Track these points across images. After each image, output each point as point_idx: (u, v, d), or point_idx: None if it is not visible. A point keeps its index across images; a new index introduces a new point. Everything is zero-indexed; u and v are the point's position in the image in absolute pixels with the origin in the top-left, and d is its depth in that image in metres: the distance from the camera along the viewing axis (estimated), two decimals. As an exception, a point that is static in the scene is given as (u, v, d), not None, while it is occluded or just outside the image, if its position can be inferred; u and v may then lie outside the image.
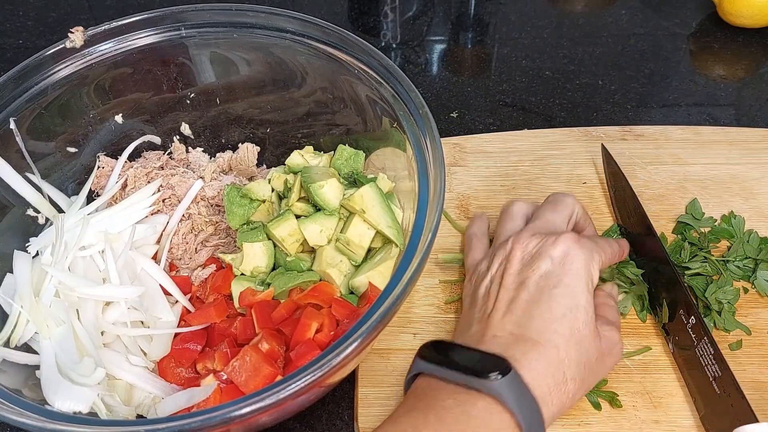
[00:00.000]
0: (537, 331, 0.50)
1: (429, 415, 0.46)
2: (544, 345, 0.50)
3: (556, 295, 0.52)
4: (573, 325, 0.51)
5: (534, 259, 0.54)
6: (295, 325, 0.57)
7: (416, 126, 0.58)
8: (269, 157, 0.76)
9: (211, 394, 0.52)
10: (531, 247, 0.56)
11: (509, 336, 0.51)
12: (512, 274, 0.55)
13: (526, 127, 0.82)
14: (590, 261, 0.54)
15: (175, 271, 0.66)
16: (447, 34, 1.00)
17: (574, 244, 0.54)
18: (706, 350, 0.56)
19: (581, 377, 0.51)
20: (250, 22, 0.67)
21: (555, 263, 0.54)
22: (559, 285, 0.52)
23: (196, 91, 0.73)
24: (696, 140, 0.77)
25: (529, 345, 0.50)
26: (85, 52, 0.66)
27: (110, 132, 0.72)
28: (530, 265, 0.54)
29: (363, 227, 0.61)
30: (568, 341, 0.50)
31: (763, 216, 0.70)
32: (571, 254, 0.54)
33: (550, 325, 0.50)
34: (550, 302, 0.52)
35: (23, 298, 0.58)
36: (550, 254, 0.54)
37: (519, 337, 0.50)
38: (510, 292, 0.54)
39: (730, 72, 0.91)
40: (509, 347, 0.50)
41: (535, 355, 0.49)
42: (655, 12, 1.01)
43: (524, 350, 0.49)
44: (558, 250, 0.54)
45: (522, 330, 0.51)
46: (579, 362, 0.51)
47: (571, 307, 0.52)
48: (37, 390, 0.53)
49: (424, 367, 0.49)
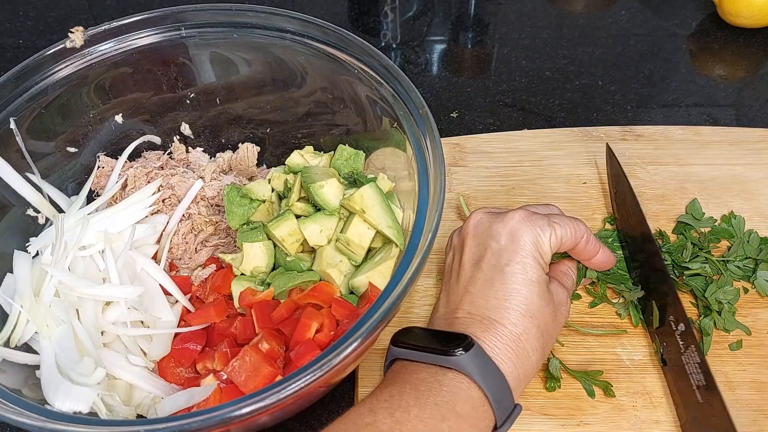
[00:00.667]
0: (493, 309, 0.53)
1: (404, 387, 0.49)
2: (501, 322, 0.52)
3: (507, 273, 0.54)
4: (527, 299, 0.53)
5: (485, 237, 0.57)
6: (295, 325, 0.57)
7: (416, 126, 0.58)
8: (269, 157, 0.76)
9: (211, 394, 0.53)
10: (482, 225, 0.58)
11: (468, 315, 0.54)
12: (467, 254, 0.57)
13: (526, 127, 0.82)
14: (539, 236, 0.56)
15: (175, 271, 0.66)
16: (447, 35, 1.00)
17: (522, 220, 0.56)
18: (693, 358, 0.56)
19: (541, 345, 0.54)
20: (250, 22, 0.67)
21: (505, 240, 0.55)
22: (510, 262, 0.54)
23: (196, 91, 0.73)
24: (696, 141, 0.77)
25: (486, 323, 0.52)
26: (85, 52, 0.66)
27: (110, 132, 0.72)
28: (482, 243, 0.57)
29: (363, 227, 0.61)
30: (524, 316, 0.53)
31: (764, 216, 0.70)
32: (520, 231, 0.55)
33: (503, 302, 0.53)
34: (502, 280, 0.54)
35: (23, 297, 0.58)
36: (499, 231, 0.56)
37: (477, 315, 0.53)
38: (467, 272, 0.56)
39: (730, 72, 0.91)
40: (469, 326, 0.53)
41: (493, 332, 0.52)
42: (655, 12, 1.01)
43: (483, 328, 0.52)
44: (507, 227, 0.56)
45: (479, 309, 0.53)
46: (537, 334, 0.53)
47: (523, 283, 0.54)
48: (37, 390, 0.53)
49: (397, 353, 0.52)
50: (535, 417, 0.58)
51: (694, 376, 0.56)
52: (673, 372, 0.58)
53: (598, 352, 0.61)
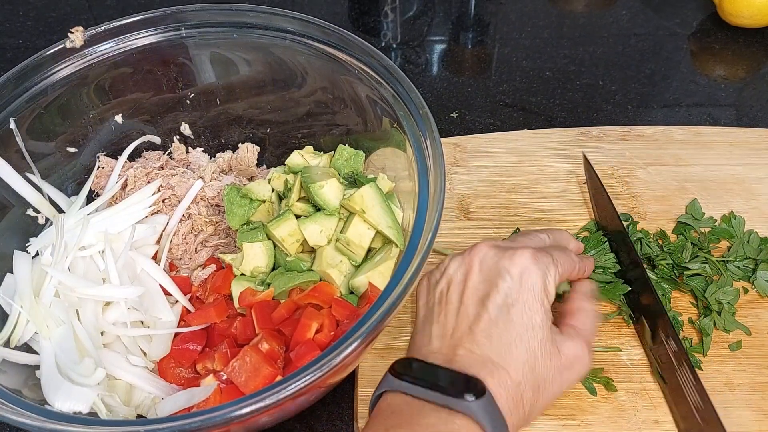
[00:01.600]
0: (497, 352, 0.51)
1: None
2: (503, 367, 0.50)
3: (513, 315, 0.52)
4: (529, 347, 0.51)
5: (492, 275, 0.54)
6: (295, 325, 0.57)
7: (416, 126, 0.58)
8: (269, 157, 0.76)
9: (211, 394, 0.53)
10: (488, 259, 0.55)
11: (470, 355, 0.51)
12: (470, 288, 0.54)
13: (526, 127, 0.82)
14: (546, 276, 0.54)
15: (175, 271, 0.66)
16: (447, 34, 1.00)
17: (530, 260, 0.54)
18: (688, 378, 0.55)
19: (536, 399, 0.51)
20: (250, 22, 0.67)
21: (513, 281, 0.53)
22: (515, 304, 0.52)
23: (196, 91, 0.73)
24: (696, 141, 0.77)
25: (489, 366, 0.50)
26: (85, 52, 0.66)
27: (110, 132, 0.72)
28: (489, 280, 0.54)
29: (363, 227, 0.61)
30: (525, 364, 0.50)
31: (764, 216, 0.70)
32: (528, 271, 0.53)
33: (508, 348, 0.51)
34: (507, 322, 0.52)
35: (23, 298, 0.58)
36: (508, 270, 0.53)
37: (479, 357, 0.51)
38: (470, 309, 0.53)
39: (731, 72, 0.91)
40: (471, 366, 0.50)
41: (498, 377, 0.49)
42: (655, 12, 1.01)
43: (488, 371, 0.49)
44: (516, 266, 0.53)
45: (482, 350, 0.51)
46: (534, 385, 0.51)
47: (527, 327, 0.51)
48: (37, 390, 0.53)
49: (398, 385, 0.49)
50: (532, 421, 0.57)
51: (692, 397, 0.55)
52: (672, 391, 0.58)
53: (598, 353, 0.61)
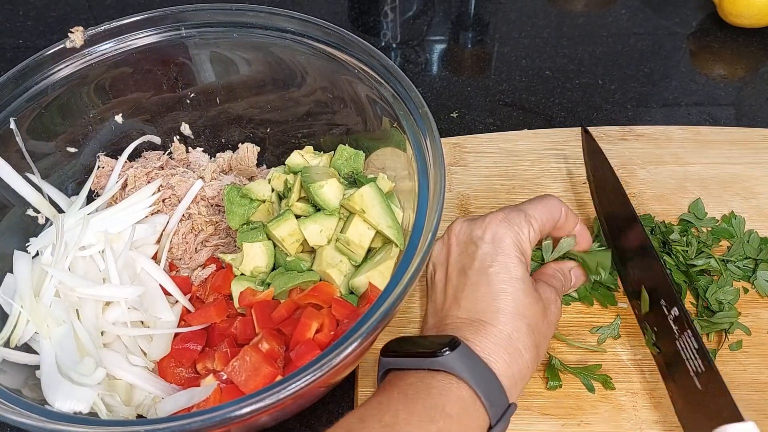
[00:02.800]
0: (481, 311, 0.53)
1: (392, 392, 0.48)
2: (492, 323, 0.53)
3: (492, 274, 0.55)
4: (514, 297, 0.54)
5: (468, 245, 0.58)
6: (295, 325, 0.57)
7: (416, 126, 0.58)
8: (269, 157, 0.76)
9: (211, 394, 0.53)
10: (463, 233, 0.59)
11: (458, 320, 0.54)
12: (452, 264, 0.58)
13: (526, 127, 0.82)
14: (519, 234, 0.57)
15: (175, 271, 0.66)
16: (447, 34, 1.00)
17: (500, 222, 0.57)
18: (689, 344, 0.54)
19: (534, 343, 0.53)
20: (250, 21, 0.67)
21: (486, 244, 0.57)
22: (493, 264, 0.55)
23: (196, 91, 0.73)
24: (696, 140, 0.77)
25: (476, 325, 0.53)
26: (85, 52, 0.66)
27: (110, 132, 0.72)
28: (465, 251, 0.58)
29: (363, 227, 0.61)
30: (513, 315, 0.53)
31: (764, 216, 0.70)
32: (499, 232, 0.57)
33: (491, 304, 0.53)
34: (488, 283, 0.55)
35: (23, 298, 0.58)
36: (481, 236, 0.57)
37: (467, 320, 0.54)
38: (454, 281, 0.57)
39: (731, 72, 0.91)
40: (459, 330, 0.53)
41: (484, 332, 0.52)
42: (655, 12, 1.01)
43: (473, 330, 0.52)
44: (488, 231, 0.57)
45: (468, 313, 0.54)
46: (528, 332, 0.53)
47: (509, 281, 0.54)
48: (37, 390, 0.53)
49: (387, 363, 0.52)
50: (535, 417, 0.57)
51: (692, 362, 0.54)
52: (668, 359, 0.57)
53: (599, 352, 0.61)
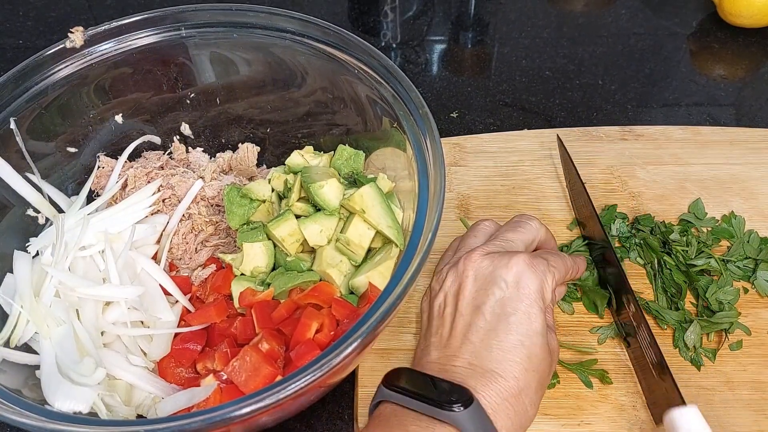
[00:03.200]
0: (496, 361, 0.50)
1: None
2: (504, 376, 0.50)
3: (512, 323, 0.52)
4: (530, 351, 0.51)
5: (488, 283, 0.54)
6: (295, 325, 0.57)
7: (416, 126, 0.58)
8: (269, 157, 0.76)
9: (211, 394, 0.52)
10: (483, 269, 0.55)
11: (469, 366, 0.51)
12: (466, 298, 0.54)
13: (526, 126, 0.82)
14: (544, 283, 0.54)
15: (175, 271, 0.66)
16: (447, 34, 1.00)
17: (526, 267, 0.53)
18: (645, 337, 0.56)
19: (539, 398, 0.52)
20: (250, 22, 0.67)
21: (509, 288, 0.53)
22: (515, 312, 0.52)
23: (196, 91, 0.73)
24: (696, 140, 0.77)
25: (488, 377, 0.50)
26: (85, 52, 0.66)
27: (110, 132, 0.72)
28: (484, 289, 0.54)
29: (363, 227, 0.61)
30: (527, 369, 0.50)
31: (764, 216, 0.70)
32: (525, 277, 0.53)
33: (507, 355, 0.51)
34: (507, 331, 0.51)
35: (23, 298, 0.58)
36: (504, 278, 0.53)
37: (478, 367, 0.50)
38: (466, 318, 0.53)
39: (731, 72, 0.91)
40: (469, 378, 0.50)
41: (495, 386, 0.49)
42: (655, 12, 1.01)
43: (484, 382, 0.49)
44: (511, 274, 0.53)
45: (481, 360, 0.51)
46: (537, 387, 0.51)
47: (528, 334, 0.51)
48: (37, 390, 0.53)
49: (389, 395, 0.49)
50: (536, 417, 0.57)
51: (648, 354, 0.56)
52: (635, 352, 0.59)
53: (599, 352, 0.61)
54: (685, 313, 0.62)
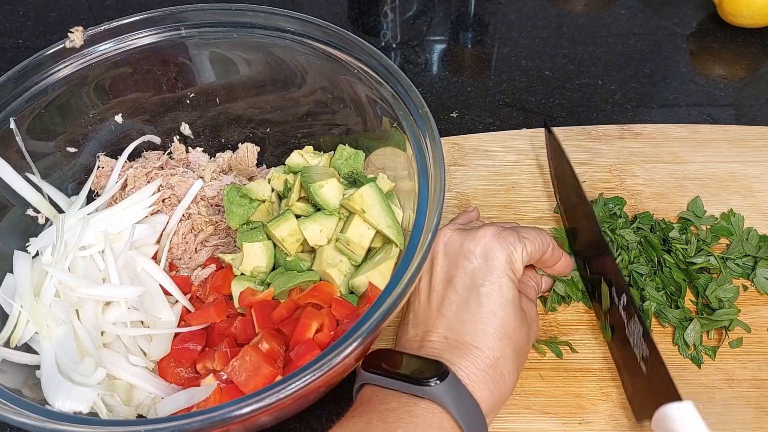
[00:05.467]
0: (470, 333, 0.51)
1: (372, 417, 0.47)
2: (479, 347, 0.50)
3: (483, 294, 0.52)
4: (504, 321, 0.52)
5: (457, 256, 0.55)
6: (295, 324, 0.56)
7: (416, 126, 0.58)
8: (269, 157, 0.76)
9: (211, 393, 0.52)
10: (453, 243, 0.56)
11: (444, 340, 0.51)
12: (438, 273, 0.55)
13: (525, 127, 0.82)
14: (512, 253, 0.54)
15: (175, 271, 0.66)
16: (447, 34, 1.00)
17: (494, 238, 0.54)
18: (636, 329, 0.56)
19: (516, 367, 0.52)
20: (250, 22, 0.67)
21: (478, 260, 0.54)
22: (485, 282, 0.53)
23: (196, 91, 0.73)
24: (694, 138, 0.77)
25: (463, 348, 0.50)
26: (85, 52, 0.66)
27: (110, 132, 0.72)
28: (455, 263, 0.55)
29: (363, 227, 0.61)
30: (501, 339, 0.51)
31: (762, 214, 0.70)
32: (492, 249, 0.54)
33: (481, 326, 0.51)
34: (479, 302, 0.52)
35: (23, 298, 0.58)
36: (472, 250, 0.54)
37: (453, 340, 0.51)
38: (439, 293, 0.54)
39: (730, 72, 0.91)
40: (445, 351, 0.50)
41: (470, 357, 0.50)
42: (655, 12, 1.01)
43: (459, 354, 0.50)
44: (479, 246, 0.54)
45: (455, 334, 0.51)
46: (513, 356, 0.52)
47: (501, 304, 0.52)
48: (37, 390, 0.53)
49: (368, 378, 0.50)
50: (536, 416, 0.58)
51: (638, 348, 0.55)
52: (618, 345, 0.58)
53: (600, 351, 0.61)
54: (685, 311, 0.62)
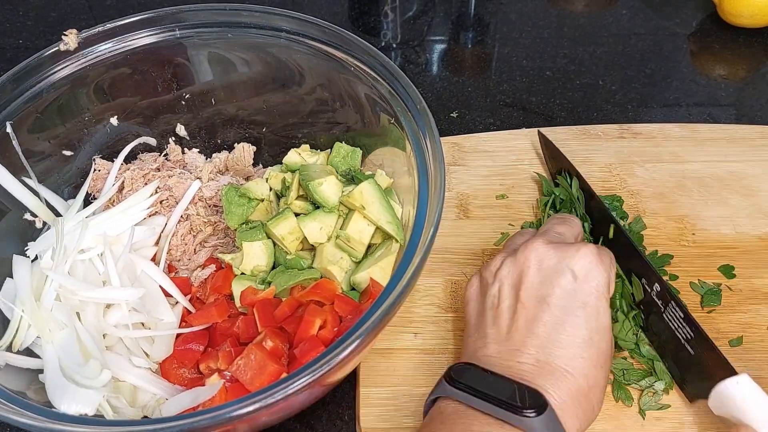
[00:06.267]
0: (565, 357, 0.48)
1: None
2: (573, 374, 0.47)
3: (581, 318, 0.49)
4: (599, 348, 0.48)
5: (554, 274, 0.50)
6: (298, 322, 0.56)
7: (414, 123, 0.58)
8: (265, 157, 0.76)
9: (217, 392, 0.52)
10: (548, 259, 0.51)
11: (535, 362, 0.48)
12: (529, 289, 0.51)
13: (526, 127, 0.82)
14: (609, 275, 0.51)
15: (174, 272, 0.66)
16: (447, 34, 1.00)
17: (595, 258, 0.50)
18: (675, 314, 0.55)
19: (603, 395, 0.50)
20: (247, 21, 0.67)
21: (577, 280, 0.50)
22: (584, 306, 0.49)
23: (192, 92, 0.73)
24: (694, 138, 0.77)
25: (557, 375, 0.47)
26: (80, 54, 0.66)
27: (105, 134, 0.71)
28: (550, 280, 0.50)
29: (363, 223, 0.61)
30: (595, 366, 0.48)
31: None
32: (594, 270, 0.50)
33: (576, 351, 0.48)
34: (575, 326, 0.48)
35: (24, 302, 0.57)
36: (572, 268, 0.50)
37: (546, 364, 0.48)
38: (530, 310, 0.50)
39: (731, 72, 0.91)
40: (538, 376, 0.47)
41: (564, 385, 0.47)
42: (655, 12, 1.01)
43: (553, 381, 0.47)
44: (579, 264, 0.50)
45: (548, 356, 0.48)
46: (604, 384, 0.49)
47: (597, 329, 0.49)
48: (41, 393, 0.53)
49: (452, 393, 0.47)
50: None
51: (681, 331, 0.54)
52: (659, 334, 0.57)
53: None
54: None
